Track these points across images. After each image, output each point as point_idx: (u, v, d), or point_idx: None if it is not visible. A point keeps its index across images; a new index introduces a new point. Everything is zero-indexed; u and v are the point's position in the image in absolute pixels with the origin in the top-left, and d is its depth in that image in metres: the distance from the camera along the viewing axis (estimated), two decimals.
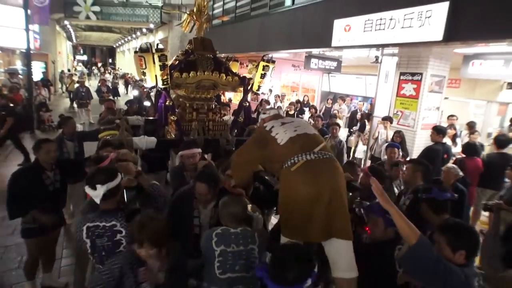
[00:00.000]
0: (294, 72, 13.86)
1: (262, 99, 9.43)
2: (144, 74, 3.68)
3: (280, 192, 2.27)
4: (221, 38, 12.58)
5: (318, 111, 10.68)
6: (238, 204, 2.35)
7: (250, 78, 4.01)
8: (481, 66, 6.20)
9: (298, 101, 10.82)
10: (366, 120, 8.42)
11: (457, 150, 6.55)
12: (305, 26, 8.69)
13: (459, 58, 6.95)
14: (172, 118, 3.80)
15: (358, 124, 8.68)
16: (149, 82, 3.74)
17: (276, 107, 10.51)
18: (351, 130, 9.11)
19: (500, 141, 5.53)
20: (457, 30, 5.17)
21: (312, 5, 8.56)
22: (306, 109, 10.00)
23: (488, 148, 6.86)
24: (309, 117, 8.39)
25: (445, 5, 5.23)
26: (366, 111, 9.71)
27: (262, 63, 4.02)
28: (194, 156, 3.15)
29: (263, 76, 4.04)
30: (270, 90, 11.65)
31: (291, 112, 9.00)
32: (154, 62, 3.58)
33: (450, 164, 4.20)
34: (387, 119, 7.07)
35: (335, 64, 10.94)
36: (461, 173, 3.93)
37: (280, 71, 13.39)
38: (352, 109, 11.05)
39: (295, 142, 2.28)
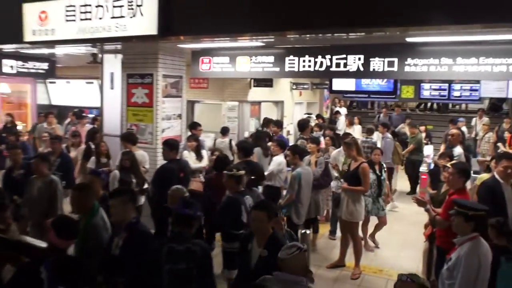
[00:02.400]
0: None
1: None
2: None
3: None
4: None
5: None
6: None
7: None
8: (210, 64, 7.53)
9: None
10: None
11: (202, 164, 7.65)
12: None
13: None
14: None
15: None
16: None
17: None
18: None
19: (245, 149, 6.85)
20: (172, 22, 6.11)
21: None
22: None
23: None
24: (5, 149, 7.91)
25: None
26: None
27: None
28: None
29: None
30: None
31: None
32: None
33: (175, 186, 4.94)
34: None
35: (45, 65, 10.76)
36: (185, 194, 4.75)
37: None
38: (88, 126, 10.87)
39: None
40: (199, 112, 13.34)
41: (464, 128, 13.18)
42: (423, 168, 10.29)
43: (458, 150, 7.78)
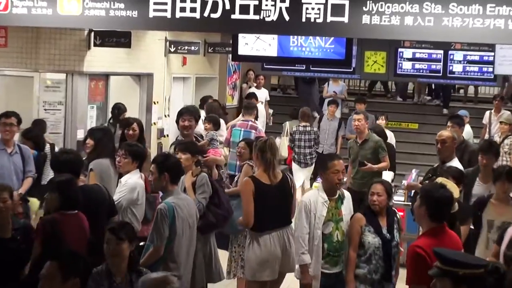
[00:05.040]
0: None
1: None
2: None
3: None
4: None
5: None
6: None
7: None
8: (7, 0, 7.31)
9: None
10: None
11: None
12: None
13: None
14: None
15: None
16: None
17: None
18: None
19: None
20: None
21: None
22: None
23: None
24: None
25: None
26: None
27: None
28: None
29: None
30: None
31: None
32: None
33: None
34: None
35: None
36: None
37: None
38: None
39: None
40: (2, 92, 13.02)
41: (468, 128, 13.64)
42: (398, 199, 10.69)
43: (455, 164, 8.07)
